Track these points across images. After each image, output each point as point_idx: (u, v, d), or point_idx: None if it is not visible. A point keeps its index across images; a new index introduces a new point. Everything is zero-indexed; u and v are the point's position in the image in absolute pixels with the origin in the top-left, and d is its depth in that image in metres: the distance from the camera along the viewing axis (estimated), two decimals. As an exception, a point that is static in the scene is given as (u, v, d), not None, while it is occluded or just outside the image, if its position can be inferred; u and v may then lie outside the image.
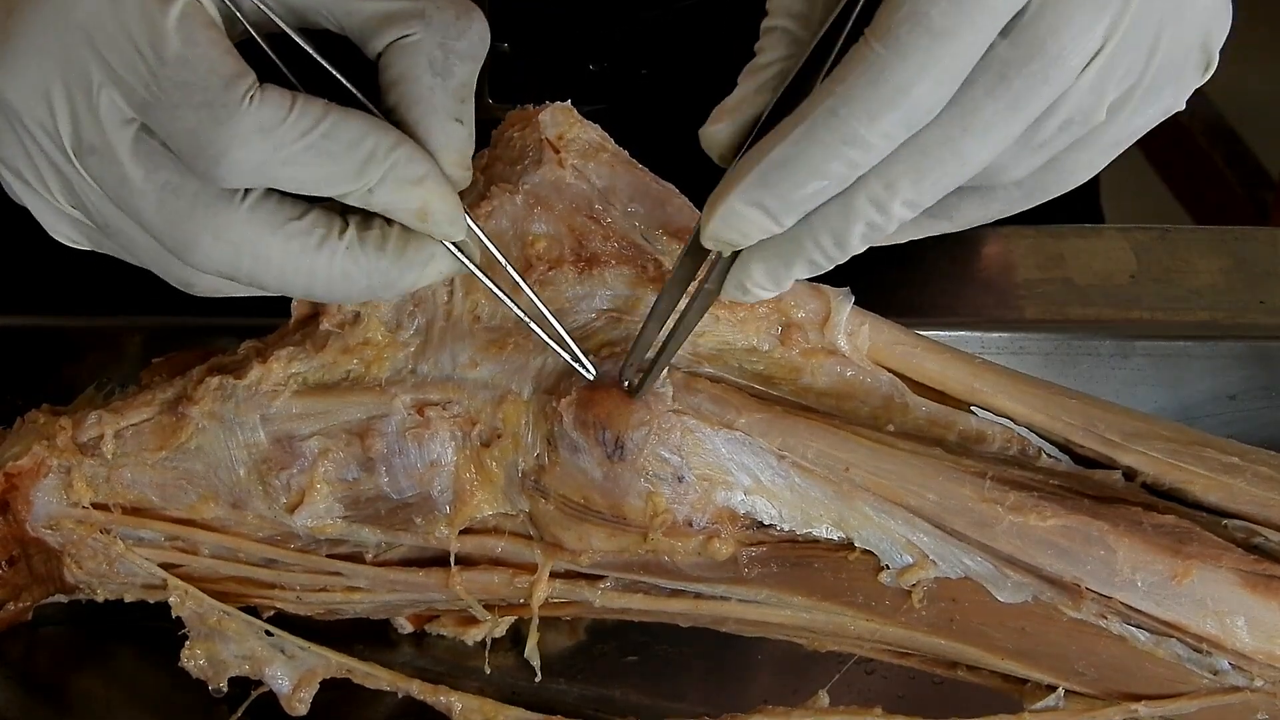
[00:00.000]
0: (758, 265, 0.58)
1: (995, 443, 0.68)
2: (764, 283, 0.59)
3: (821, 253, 0.57)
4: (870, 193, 0.55)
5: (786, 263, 0.58)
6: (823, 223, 0.56)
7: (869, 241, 0.57)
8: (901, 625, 0.66)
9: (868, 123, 0.53)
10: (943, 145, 0.55)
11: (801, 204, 0.55)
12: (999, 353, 0.84)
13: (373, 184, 0.57)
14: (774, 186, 0.55)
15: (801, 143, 0.54)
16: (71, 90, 0.57)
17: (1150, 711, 0.65)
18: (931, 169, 0.55)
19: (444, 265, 0.61)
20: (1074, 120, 0.57)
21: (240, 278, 0.59)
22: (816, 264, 0.58)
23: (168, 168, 0.57)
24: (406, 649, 0.77)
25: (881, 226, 0.56)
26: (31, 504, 0.69)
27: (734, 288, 0.59)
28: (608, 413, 0.64)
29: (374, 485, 0.68)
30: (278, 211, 0.58)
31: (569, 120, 0.68)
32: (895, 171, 0.55)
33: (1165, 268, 0.87)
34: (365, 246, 0.59)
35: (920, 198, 0.56)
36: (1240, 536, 0.65)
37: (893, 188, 0.55)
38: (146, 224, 0.58)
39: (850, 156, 0.54)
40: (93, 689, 0.77)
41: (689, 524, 0.66)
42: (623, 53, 0.91)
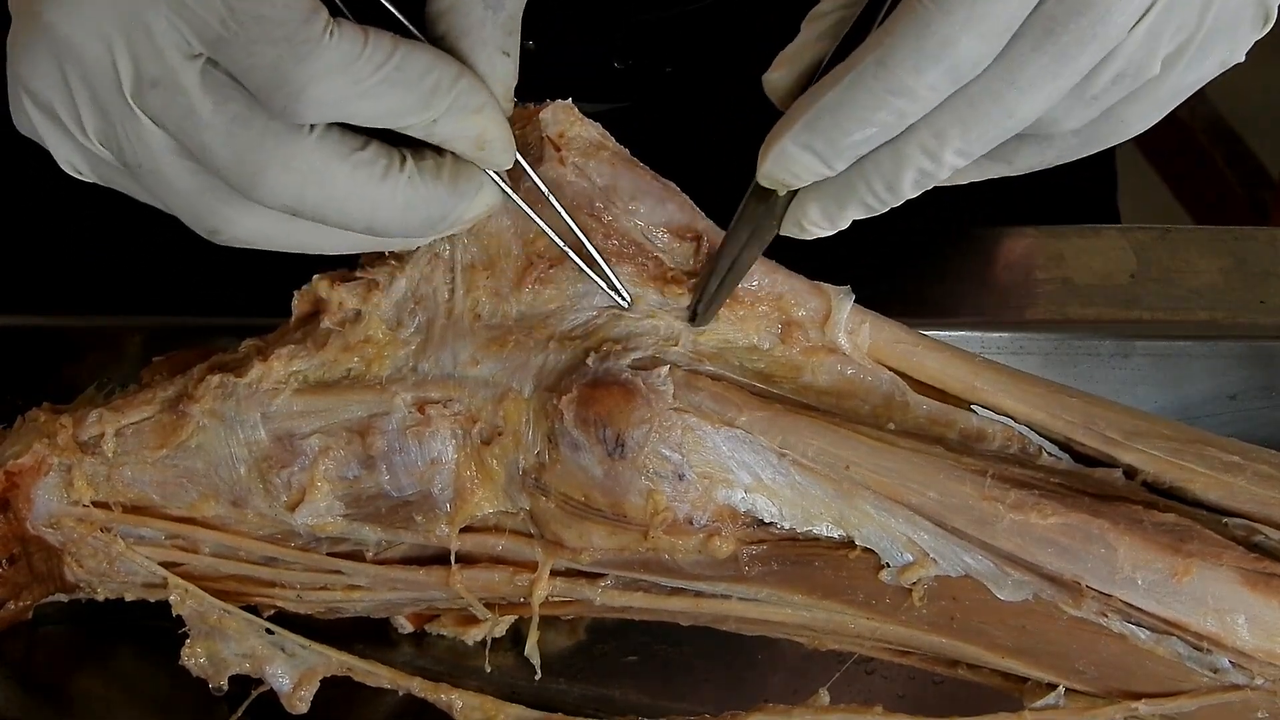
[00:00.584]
0: (813, 205, 0.60)
1: (996, 441, 0.68)
2: (820, 221, 0.60)
3: (874, 196, 0.59)
4: (921, 141, 0.57)
5: (840, 204, 0.59)
6: (874, 168, 0.58)
7: (922, 187, 0.58)
8: (902, 623, 0.66)
9: (914, 74, 0.54)
10: (990, 98, 0.55)
11: (851, 149, 0.57)
12: (999, 352, 0.84)
13: (439, 114, 0.58)
14: (823, 132, 0.56)
15: (850, 90, 0.55)
16: (134, 25, 0.56)
17: (1151, 709, 0.65)
18: (979, 121, 0.56)
19: (491, 196, 0.62)
20: (1126, 74, 0.57)
21: (305, 210, 0.59)
22: (870, 207, 0.59)
23: (237, 100, 0.57)
24: (406, 648, 0.77)
25: (933, 173, 0.57)
26: (32, 502, 0.69)
27: (792, 225, 0.61)
28: (608, 410, 0.64)
29: (374, 483, 0.68)
30: (344, 142, 0.59)
31: (570, 118, 0.68)
32: (944, 121, 0.56)
33: (1165, 268, 0.87)
34: (424, 176, 0.60)
35: (970, 147, 0.57)
36: (1241, 535, 0.65)
37: (942, 137, 0.56)
38: (211, 157, 0.58)
39: (897, 106, 0.55)
40: (93, 689, 0.77)
41: (689, 522, 0.66)
42: (647, 51, 0.91)
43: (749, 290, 0.68)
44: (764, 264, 0.68)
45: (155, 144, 0.59)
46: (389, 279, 0.67)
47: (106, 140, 0.60)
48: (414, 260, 0.68)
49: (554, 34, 0.89)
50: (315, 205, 0.59)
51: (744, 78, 0.62)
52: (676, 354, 0.67)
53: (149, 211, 0.92)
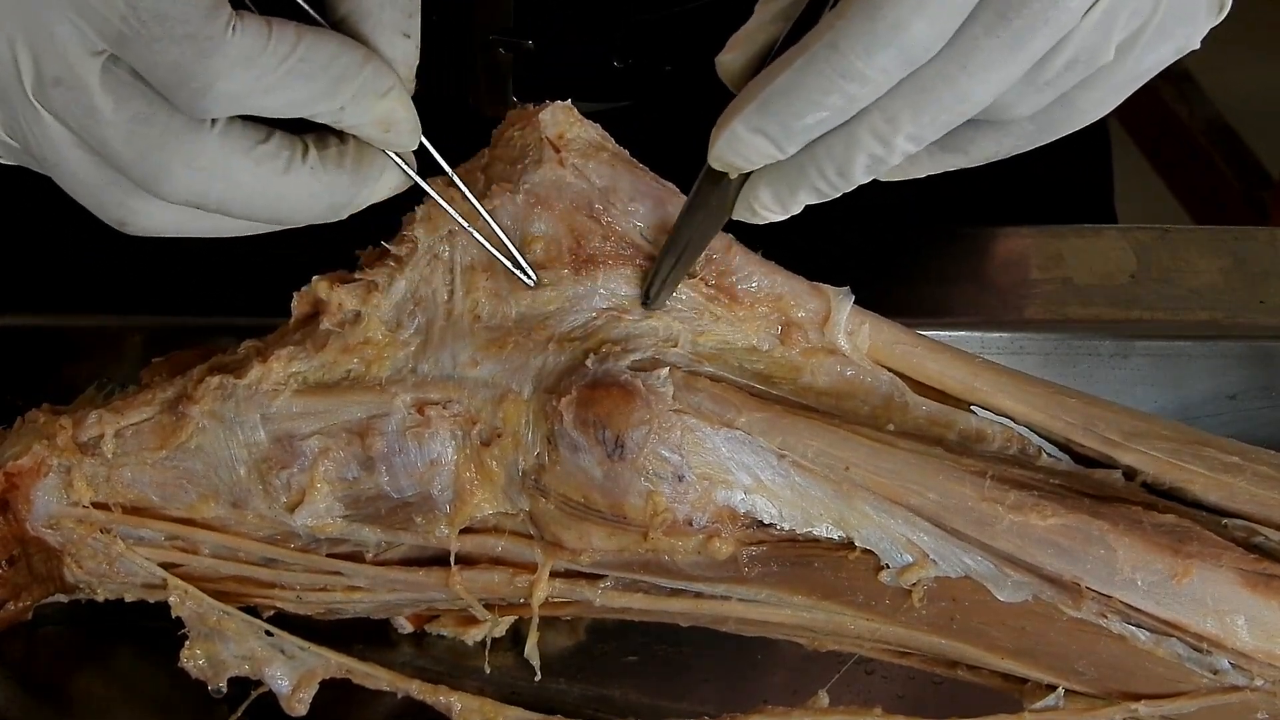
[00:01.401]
0: (765, 189, 0.60)
1: (995, 442, 0.68)
2: (771, 205, 0.60)
3: (825, 181, 0.58)
4: (872, 126, 0.56)
5: (791, 188, 0.59)
6: (826, 152, 0.57)
7: (874, 173, 0.58)
8: (901, 624, 0.66)
9: (865, 57, 0.54)
10: (942, 82, 0.55)
11: (802, 133, 0.56)
12: (999, 353, 0.84)
13: (345, 101, 0.58)
14: (775, 114, 0.56)
15: (801, 73, 0.55)
16: (34, 23, 0.56)
17: (1150, 710, 0.65)
18: (931, 105, 0.56)
19: (394, 179, 0.62)
20: (1079, 60, 0.57)
21: (208, 204, 0.59)
22: (821, 192, 0.59)
23: (138, 98, 0.57)
24: (406, 649, 0.77)
25: (884, 159, 0.57)
26: (32, 503, 0.69)
27: (743, 208, 0.61)
28: (608, 412, 0.64)
29: (374, 484, 0.68)
30: (246, 136, 0.59)
31: (569, 119, 0.68)
32: (896, 106, 0.56)
33: (1165, 268, 0.87)
34: (326, 165, 0.60)
35: (922, 132, 0.56)
36: (1240, 536, 0.65)
37: (894, 122, 0.56)
38: (113, 155, 0.58)
39: (848, 90, 0.55)
40: (93, 689, 0.77)
41: (689, 523, 0.66)
42: (646, 50, 0.91)
43: (749, 291, 0.68)
44: (763, 265, 0.68)
45: (58, 140, 0.59)
46: (388, 280, 0.67)
47: (13, 134, 0.60)
48: (413, 262, 0.67)
49: (553, 34, 0.89)
50: (219, 199, 0.59)
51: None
52: (676, 355, 0.67)
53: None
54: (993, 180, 0.97)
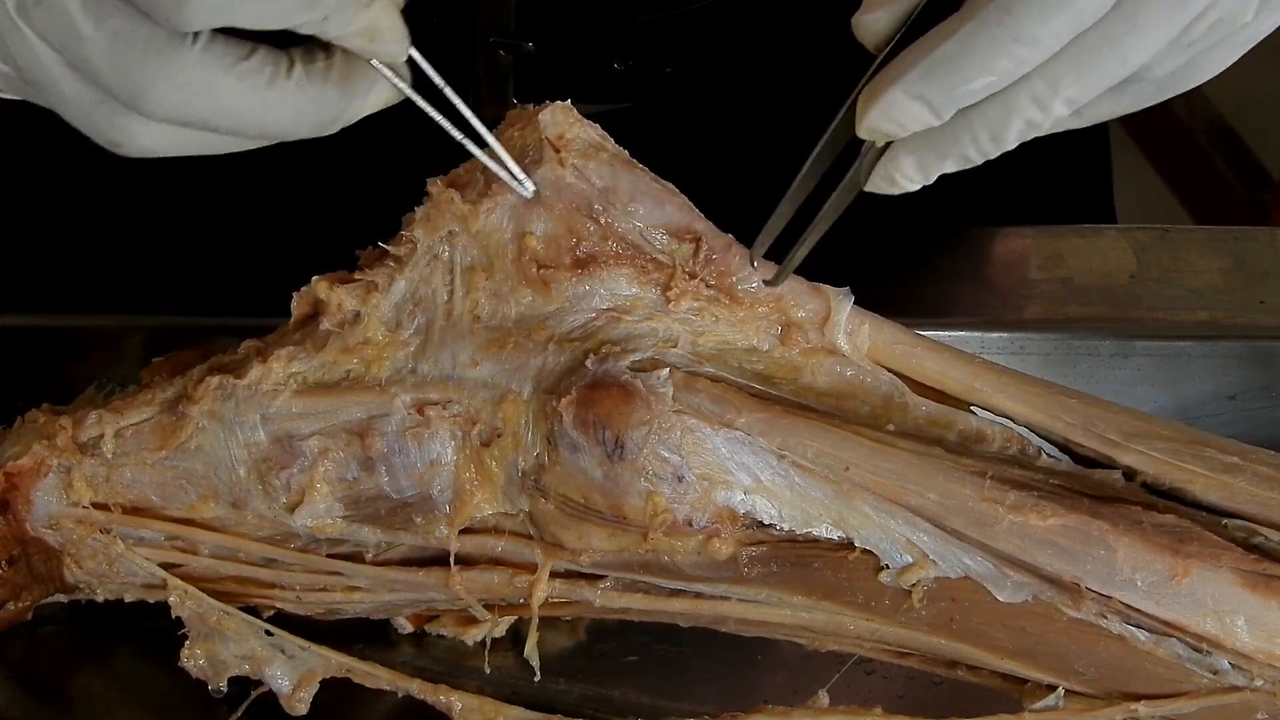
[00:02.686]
0: (908, 157, 0.59)
1: (995, 442, 0.68)
2: (913, 174, 0.59)
3: (976, 148, 0.58)
4: (1033, 91, 0.56)
5: (939, 155, 0.58)
6: (981, 119, 0.57)
7: (1024, 138, 0.58)
8: (901, 625, 0.66)
9: (1040, 21, 0.54)
10: (1107, 44, 0.55)
11: (964, 99, 0.56)
12: (999, 353, 0.84)
13: (328, 10, 0.57)
14: (939, 80, 0.56)
15: (971, 38, 0.55)
16: None
17: (1150, 711, 0.65)
18: (1094, 67, 0.56)
19: (384, 92, 0.61)
20: (1224, 20, 0.57)
21: (193, 121, 0.59)
22: (969, 159, 0.59)
23: (117, 15, 0.57)
24: (406, 649, 0.77)
25: (1039, 124, 0.57)
26: (31, 503, 0.69)
27: (881, 179, 0.60)
28: (608, 412, 0.64)
29: (374, 485, 0.68)
30: (228, 52, 0.58)
31: (569, 120, 0.68)
32: (1058, 69, 0.56)
33: (1165, 268, 0.87)
34: (312, 79, 0.60)
35: (1080, 95, 0.56)
36: (1240, 536, 0.65)
37: (1055, 86, 0.56)
38: (95, 74, 0.58)
39: (1019, 54, 0.55)
40: (93, 689, 0.77)
41: (689, 523, 0.66)
42: (647, 51, 0.91)
43: (748, 292, 0.68)
44: (763, 265, 0.68)
45: (46, 60, 0.59)
46: (388, 281, 0.67)
47: (5, 59, 0.60)
48: (413, 262, 0.67)
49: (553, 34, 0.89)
50: (204, 117, 0.59)
51: (744, 78, 0.61)
52: (676, 356, 0.67)
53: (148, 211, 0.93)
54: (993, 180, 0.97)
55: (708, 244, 0.67)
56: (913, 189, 0.60)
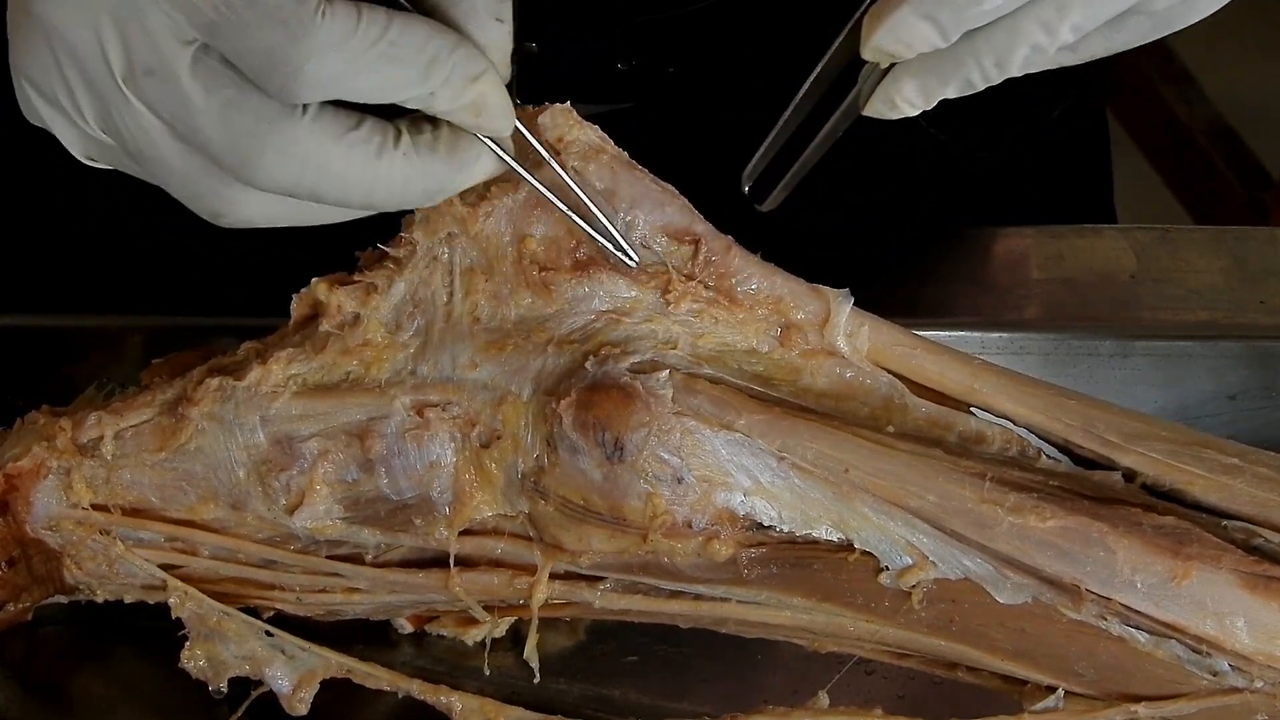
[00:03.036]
0: (911, 80, 0.58)
1: (995, 444, 0.68)
2: (914, 98, 0.59)
3: (980, 73, 0.58)
4: (1041, 14, 0.56)
5: (942, 79, 0.58)
6: (987, 42, 0.57)
7: (1029, 66, 0.57)
8: (901, 626, 0.66)
9: None
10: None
11: (974, 20, 0.56)
12: (999, 353, 0.84)
13: (436, 86, 0.58)
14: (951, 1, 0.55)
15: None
16: (126, 11, 0.56)
17: (1150, 712, 0.65)
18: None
19: (489, 164, 0.62)
20: None
21: (301, 192, 0.59)
22: (972, 84, 0.58)
23: (230, 86, 0.57)
24: (406, 649, 0.77)
25: (1044, 49, 0.56)
26: (31, 505, 0.69)
27: (881, 102, 0.59)
28: (607, 414, 0.64)
29: (373, 486, 0.68)
30: (337, 122, 0.58)
31: (569, 121, 0.68)
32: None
33: (1165, 268, 0.87)
34: (419, 150, 0.60)
35: (1086, 21, 0.56)
36: (1240, 537, 0.65)
37: (1063, 9, 0.56)
38: (205, 144, 0.58)
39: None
40: (93, 689, 0.77)
41: (689, 525, 0.66)
42: (650, 51, 0.91)
43: (748, 293, 0.68)
44: (763, 267, 0.68)
45: (152, 130, 0.59)
46: (387, 282, 0.67)
47: (107, 128, 0.60)
48: (412, 264, 0.68)
49: (555, 34, 0.89)
50: (312, 186, 0.59)
51: (744, 78, 0.61)
52: (675, 357, 0.67)
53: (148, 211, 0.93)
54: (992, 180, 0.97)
55: (707, 245, 0.67)
56: (912, 113, 0.59)
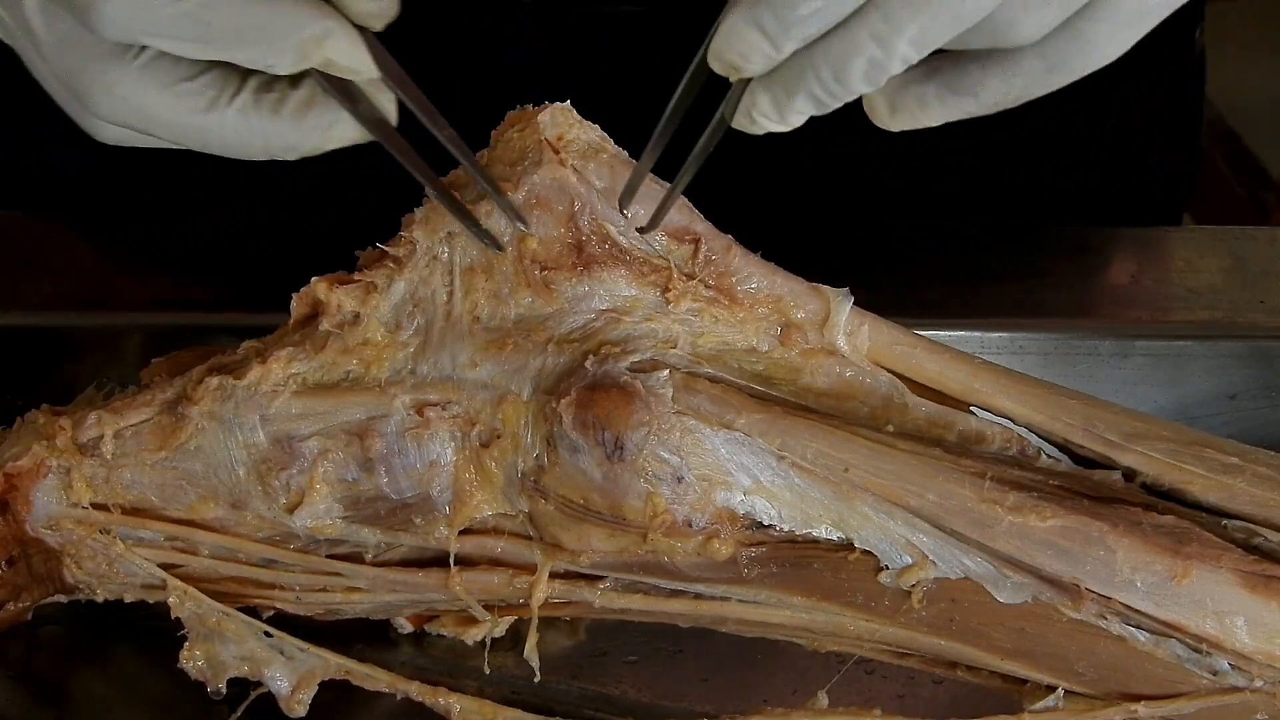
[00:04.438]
0: (763, 94, 0.58)
1: (995, 443, 0.68)
2: (769, 112, 0.59)
3: (822, 86, 0.57)
4: (870, 26, 0.55)
5: (789, 92, 0.58)
6: (824, 54, 0.56)
7: (872, 81, 0.57)
8: (901, 625, 0.66)
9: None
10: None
11: (799, 25, 0.55)
12: (999, 353, 0.84)
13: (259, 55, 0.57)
14: (771, 5, 0.55)
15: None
16: None
17: (1150, 712, 0.65)
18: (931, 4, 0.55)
19: (348, 131, 0.61)
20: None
21: (135, 128, 0.60)
22: (819, 100, 0.58)
23: (67, 20, 0.58)
24: (406, 648, 0.77)
25: (884, 64, 0.56)
26: (31, 504, 0.69)
27: (742, 116, 0.59)
28: (607, 413, 0.64)
29: (373, 485, 0.68)
30: (171, 70, 0.59)
31: (568, 121, 0.68)
32: (894, 5, 0.55)
33: (1165, 268, 0.87)
34: (259, 109, 0.59)
35: (923, 36, 0.55)
36: (1240, 537, 0.65)
37: (892, 20, 0.55)
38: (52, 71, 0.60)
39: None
40: (93, 689, 0.77)
41: (688, 524, 0.66)
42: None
43: (748, 292, 0.68)
44: (763, 266, 0.68)
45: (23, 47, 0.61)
46: (387, 282, 0.67)
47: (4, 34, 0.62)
48: (412, 263, 0.67)
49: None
50: (143, 127, 0.60)
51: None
52: (675, 357, 0.67)
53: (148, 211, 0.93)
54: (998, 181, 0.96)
55: (707, 245, 0.67)
56: (775, 129, 0.59)
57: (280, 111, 0.60)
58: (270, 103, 0.59)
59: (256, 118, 0.59)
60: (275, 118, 0.59)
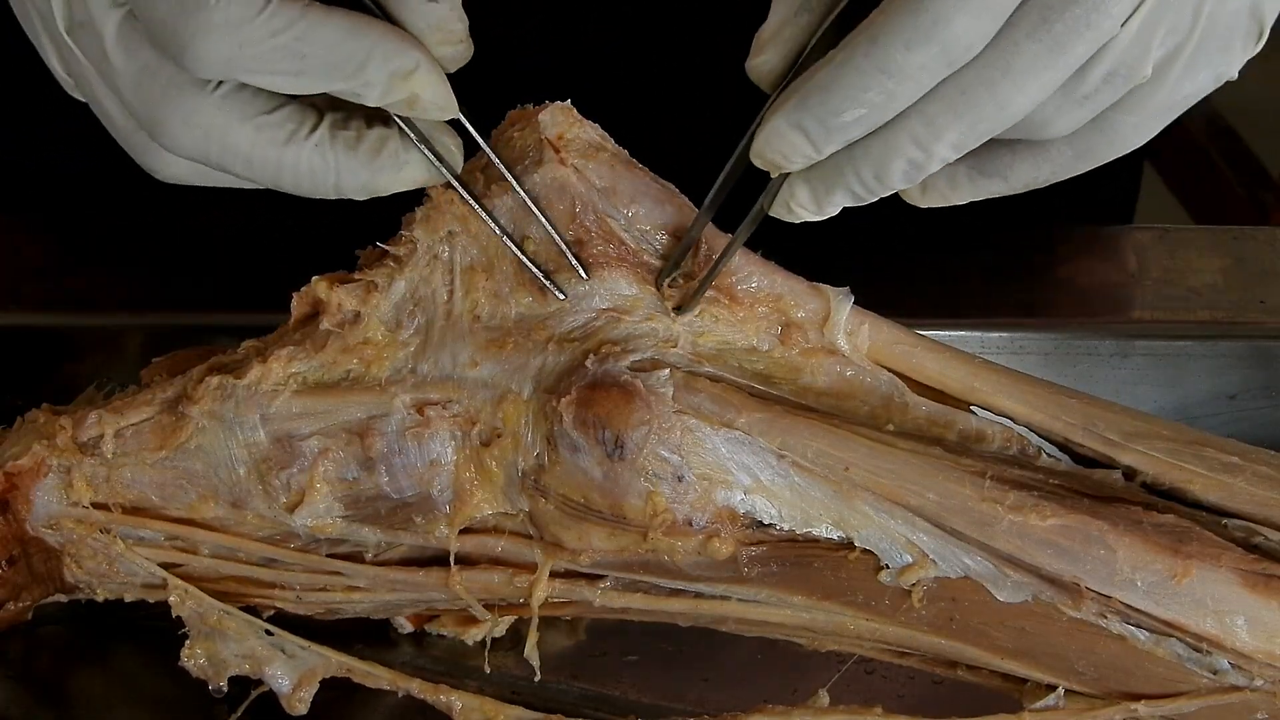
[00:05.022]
0: (802, 187, 0.59)
1: (995, 442, 0.68)
2: (807, 204, 0.60)
3: (861, 184, 0.58)
4: (911, 130, 0.56)
5: (828, 188, 0.59)
6: (864, 154, 0.57)
7: (911, 180, 0.58)
8: (901, 625, 0.66)
9: (904, 51, 0.54)
10: (983, 86, 0.55)
11: (840, 130, 0.56)
12: (999, 353, 0.84)
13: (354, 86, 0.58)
14: (813, 110, 0.56)
15: (841, 68, 0.55)
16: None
17: (1150, 711, 0.65)
18: (971, 110, 0.56)
19: (418, 172, 0.62)
20: (1118, 74, 0.57)
21: (210, 162, 0.60)
22: (858, 195, 0.59)
23: (147, 51, 0.59)
24: (406, 648, 0.77)
25: (922, 165, 0.57)
26: (31, 503, 0.69)
27: (780, 206, 0.60)
28: (608, 412, 0.64)
29: (374, 485, 0.68)
30: (251, 103, 0.59)
31: (569, 120, 0.68)
32: (935, 109, 0.56)
33: (1165, 268, 0.87)
34: (335, 145, 0.60)
35: (962, 140, 0.56)
36: (1240, 536, 0.65)
37: (933, 125, 0.56)
38: (126, 103, 0.60)
39: (887, 86, 0.55)
40: (93, 689, 0.77)
41: (689, 523, 0.66)
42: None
43: (748, 291, 0.68)
44: (763, 265, 0.68)
45: (91, 79, 0.61)
46: (388, 281, 0.67)
47: (67, 70, 0.62)
48: (413, 262, 0.67)
49: None
50: (219, 159, 0.60)
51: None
52: (676, 356, 0.67)
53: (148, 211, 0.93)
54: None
55: (708, 244, 0.67)
56: (813, 219, 0.60)
57: (357, 149, 0.60)
58: (346, 139, 0.60)
59: (332, 154, 0.60)
60: (351, 154, 0.60)
